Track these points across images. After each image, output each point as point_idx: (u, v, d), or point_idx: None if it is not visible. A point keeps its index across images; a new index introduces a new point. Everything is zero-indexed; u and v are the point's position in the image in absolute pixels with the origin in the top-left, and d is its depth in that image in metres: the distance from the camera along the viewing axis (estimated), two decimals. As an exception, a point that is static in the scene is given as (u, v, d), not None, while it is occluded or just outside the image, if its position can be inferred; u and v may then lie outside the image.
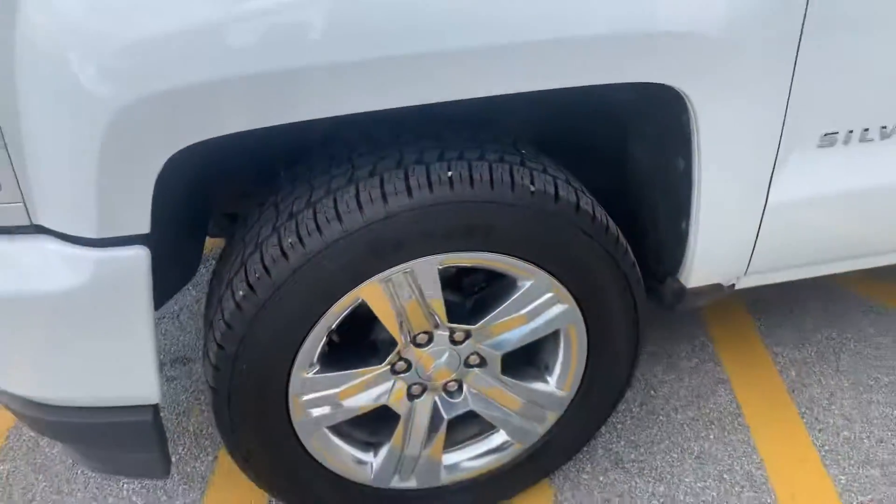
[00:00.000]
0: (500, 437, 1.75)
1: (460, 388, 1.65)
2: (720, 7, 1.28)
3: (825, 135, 1.50)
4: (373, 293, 1.41)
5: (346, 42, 1.14)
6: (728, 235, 1.58)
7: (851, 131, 1.51)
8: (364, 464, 1.66)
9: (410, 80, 1.21)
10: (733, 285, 1.73)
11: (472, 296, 1.61)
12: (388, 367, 1.55)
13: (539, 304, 1.53)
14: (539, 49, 1.23)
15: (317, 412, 1.53)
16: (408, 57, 1.18)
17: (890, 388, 2.18)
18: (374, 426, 1.68)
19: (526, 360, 1.71)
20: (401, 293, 1.43)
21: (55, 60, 1.11)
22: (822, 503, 1.86)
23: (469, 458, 1.75)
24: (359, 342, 1.58)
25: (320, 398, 1.52)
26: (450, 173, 1.34)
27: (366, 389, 1.56)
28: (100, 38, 1.11)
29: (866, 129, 1.52)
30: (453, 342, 1.56)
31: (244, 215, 1.55)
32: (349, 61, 1.15)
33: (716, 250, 1.59)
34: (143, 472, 1.70)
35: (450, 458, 1.74)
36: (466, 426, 1.75)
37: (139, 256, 1.24)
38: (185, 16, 1.11)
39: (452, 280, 1.58)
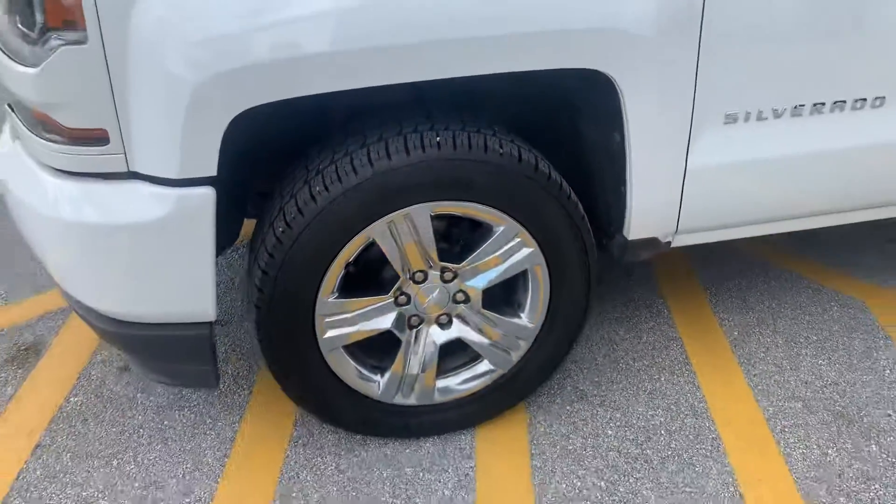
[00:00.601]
0: (483, 366, 2.16)
1: (450, 320, 2.07)
2: (638, 9, 1.71)
3: (728, 114, 1.92)
4: (380, 232, 1.84)
5: (344, 37, 1.59)
6: (656, 196, 1.98)
7: (749, 112, 1.94)
8: (373, 381, 2.08)
9: (402, 64, 1.65)
10: (669, 242, 2.14)
11: (458, 243, 2.04)
12: (392, 299, 1.98)
13: (509, 248, 1.96)
14: (504, 40, 1.67)
15: (336, 332, 1.95)
16: (401, 46, 1.63)
17: (817, 345, 2.57)
18: (381, 355, 2.10)
19: (504, 301, 2.12)
20: (402, 234, 1.86)
21: (156, 51, 1.56)
22: (753, 426, 2.25)
23: (458, 383, 2.16)
24: (370, 280, 2.01)
25: (339, 320, 1.94)
26: (438, 138, 1.79)
27: (374, 316, 1.98)
28: (187, 35, 1.57)
29: (761, 110, 1.95)
30: (443, 280, 1.98)
31: (281, 182, 1.99)
32: (347, 50, 1.59)
33: (648, 209, 2.00)
34: (196, 383, 2.12)
35: (442, 382, 2.15)
36: (456, 357, 2.16)
37: (208, 194, 1.68)
38: (237, 21, 1.57)
39: (444, 232, 2.01)
